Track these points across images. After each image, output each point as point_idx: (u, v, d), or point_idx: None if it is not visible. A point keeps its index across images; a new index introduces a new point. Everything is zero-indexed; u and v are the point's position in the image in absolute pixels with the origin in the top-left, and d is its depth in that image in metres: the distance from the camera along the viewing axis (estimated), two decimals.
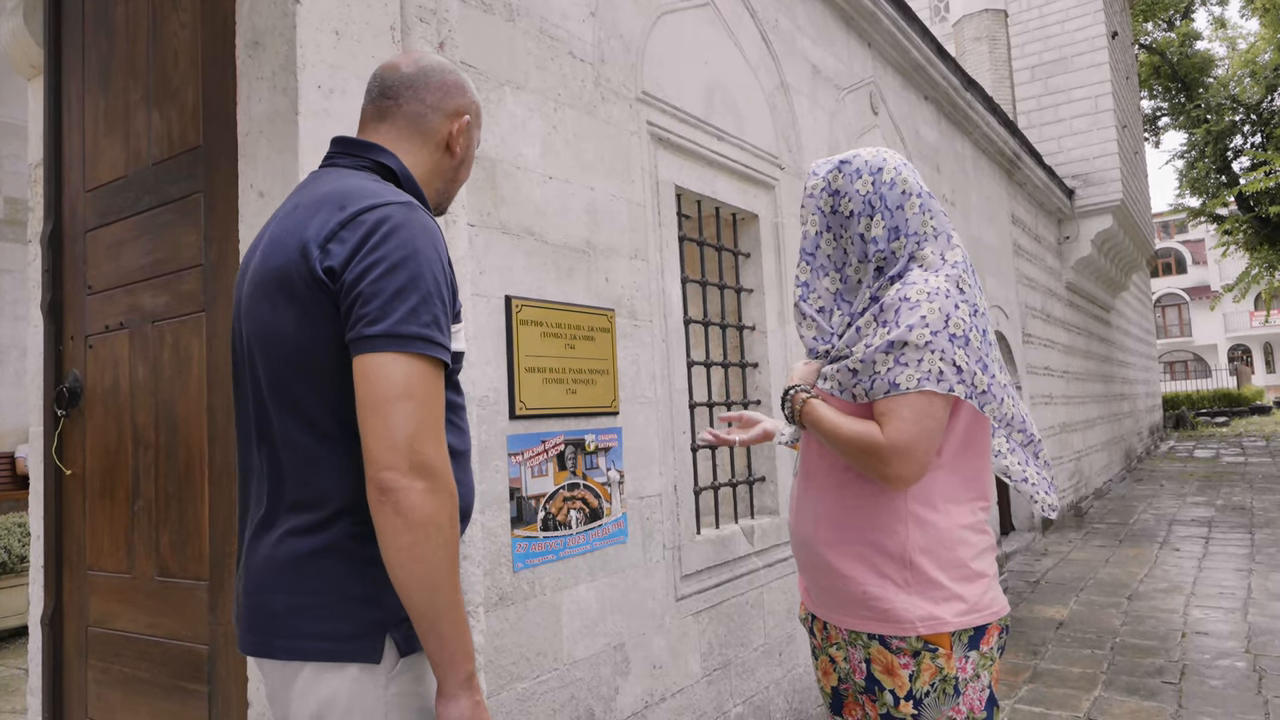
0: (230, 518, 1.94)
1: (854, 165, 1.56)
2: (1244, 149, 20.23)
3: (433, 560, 1.03)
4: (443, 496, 1.04)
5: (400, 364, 1.05)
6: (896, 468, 1.39)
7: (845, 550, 1.49)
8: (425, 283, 1.08)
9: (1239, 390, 27.46)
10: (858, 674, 1.50)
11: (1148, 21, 20.79)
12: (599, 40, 2.85)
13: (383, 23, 2.02)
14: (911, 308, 1.42)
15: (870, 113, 5.08)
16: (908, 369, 1.40)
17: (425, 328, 1.07)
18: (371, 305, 1.06)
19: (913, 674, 1.42)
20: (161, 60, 2.19)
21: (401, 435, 1.03)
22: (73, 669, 2.39)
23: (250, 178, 1.91)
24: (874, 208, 1.52)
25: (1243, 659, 4.10)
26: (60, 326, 2.48)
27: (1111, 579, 6.00)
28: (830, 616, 1.55)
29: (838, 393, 1.50)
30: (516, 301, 2.40)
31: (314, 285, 1.09)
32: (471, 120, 1.35)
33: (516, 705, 2.25)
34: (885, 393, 1.41)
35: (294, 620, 1.10)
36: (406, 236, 1.09)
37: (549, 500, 2.45)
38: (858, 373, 1.46)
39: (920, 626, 1.42)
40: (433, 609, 1.04)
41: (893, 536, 1.45)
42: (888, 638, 1.44)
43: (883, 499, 1.46)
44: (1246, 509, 8.80)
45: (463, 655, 1.06)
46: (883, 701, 1.46)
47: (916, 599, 1.43)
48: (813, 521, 1.56)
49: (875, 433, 1.40)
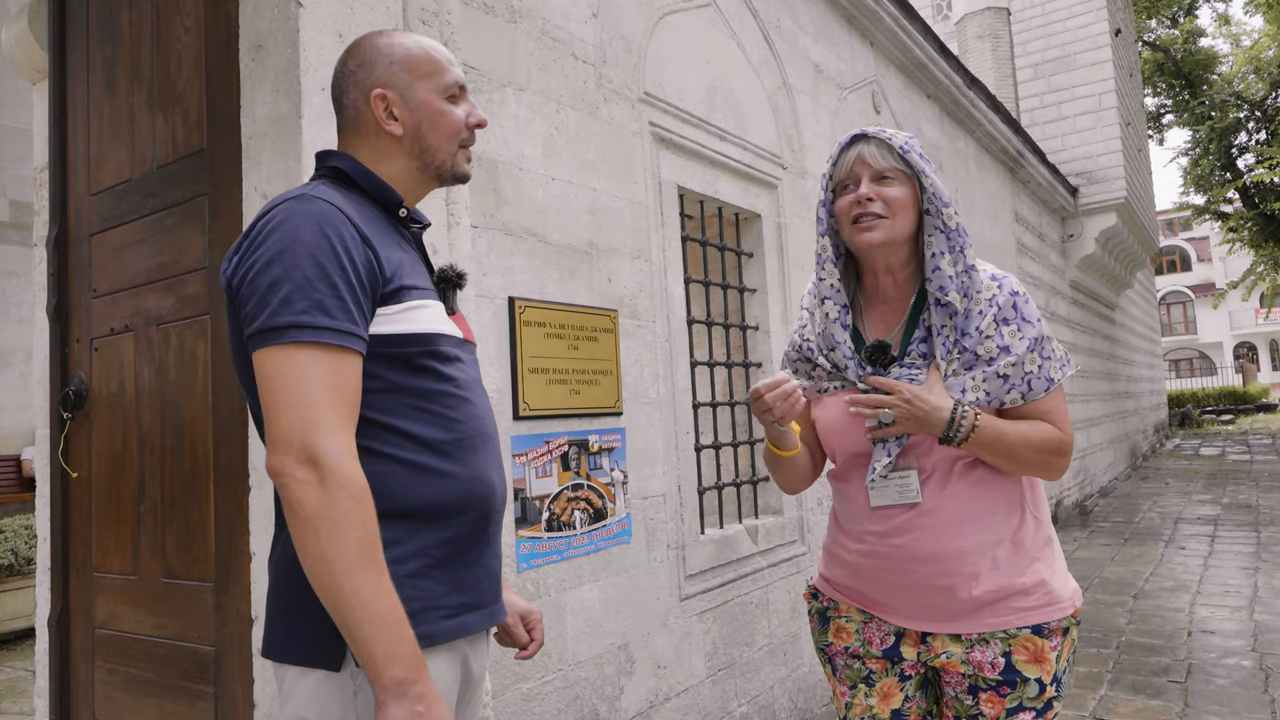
0: (235, 519, 1.95)
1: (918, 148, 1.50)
2: (1248, 146, 20.17)
3: (327, 555, 0.98)
4: (332, 488, 0.99)
5: (279, 356, 1.03)
6: (1068, 460, 1.43)
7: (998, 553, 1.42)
8: (300, 270, 1.04)
9: (1244, 388, 27.37)
10: (990, 670, 1.41)
11: (1151, 18, 20.73)
12: (601, 41, 2.85)
13: (385, 25, 2.02)
14: (1026, 301, 1.43)
15: (873, 112, 5.07)
16: (1052, 361, 1.41)
17: (300, 314, 1.03)
18: (250, 305, 1.06)
19: (1058, 654, 1.41)
20: (165, 64, 2.20)
21: (285, 428, 1.01)
22: (79, 670, 2.40)
23: (254, 181, 1.92)
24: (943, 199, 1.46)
25: (1249, 658, 4.09)
26: (65, 329, 2.49)
27: (1117, 577, 5.98)
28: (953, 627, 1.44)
29: (985, 402, 1.42)
30: (520, 302, 2.41)
31: (226, 298, 1.13)
32: (398, 84, 1.23)
33: (521, 705, 2.26)
34: (1045, 390, 1.41)
35: (278, 624, 1.12)
36: (285, 230, 1.07)
37: (553, 501, 2.45)
38: (1008, 377, 1.40)
39: (1076, 600, 1.45)
40: (337, 606, 0.98)
41: (1027, 522, 1.46)
42: (1043, 624, 1.40)
43: (1008, 493, 1.45)
44: (1252, 507, 8.77)
45: (384, 658, 0.97)
46: (1018, 695, 1.40)
47: (1062, 575, 1.45)
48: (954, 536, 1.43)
49: (1056, 431, 1.41)
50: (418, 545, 1.11)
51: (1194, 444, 16.70)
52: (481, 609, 1.20)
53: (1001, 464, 1.42)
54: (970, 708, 1.44)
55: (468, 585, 1.17)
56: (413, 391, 1.14)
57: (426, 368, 1.16)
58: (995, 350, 1.40)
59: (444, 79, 1.26)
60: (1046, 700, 1.40)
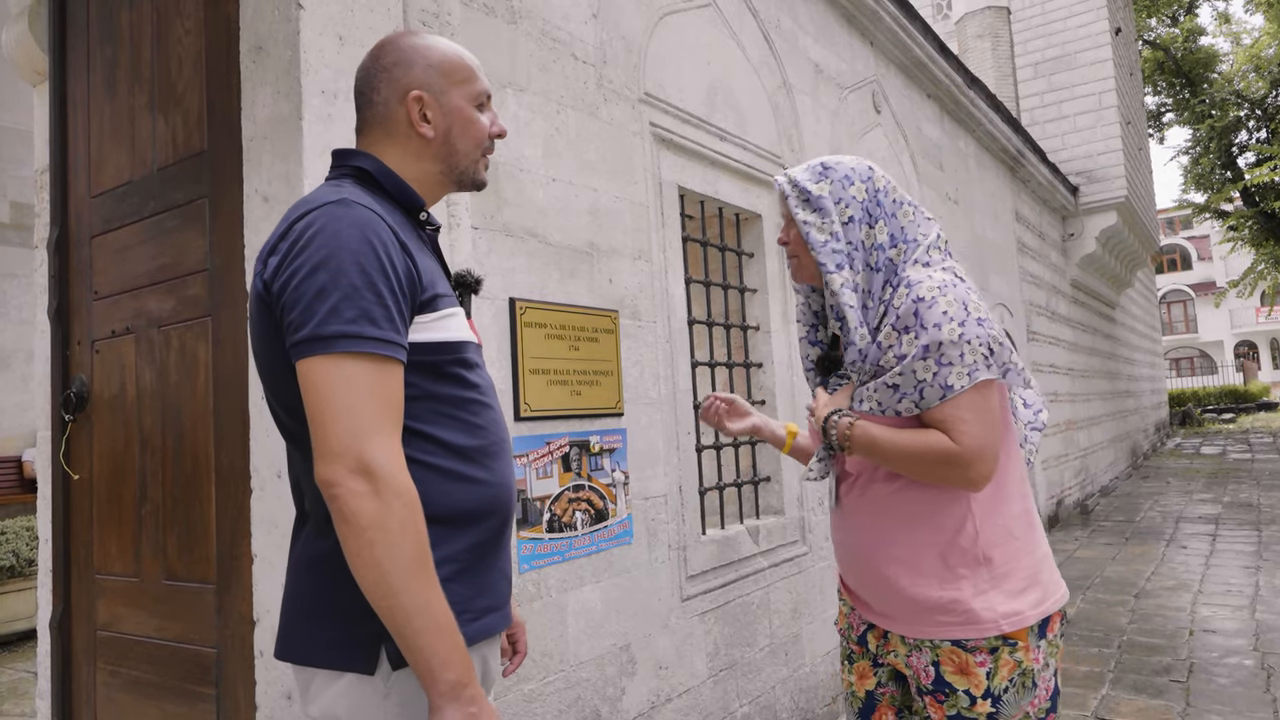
0: (237, 521, 1.95)
1: (840, 171, 1.52)
2: (1249, 144, 20.17)
3: (383, 565, 0.98)
4: (387, 497, 0.99)
5: (328, 365, 1.02)
6: (978, 469, 1.36)
7: (913, 562, 1.44)
8: (347, 278, 1.03)
9: (1245, 386, 27.35)
10: (924, 678, 1.45)
11: (1151, 17, 20.72)
12: (601, 42, 2.85)
13: (386, 27, 2.02)
14: (929, 306, 1.38)
15: (873, 111, 5.07)
16: (954, 368, 1.36)
17: (349, 324, 1.02)
18: (295, 312, 1.04)
19: (989, 671, 1.39)
20: (165, 66, 2.20)
21: (337, 439, 1.00)
22: (81, 672, 2.40)
23: (255, 183, 1.92)
24: (872, 214, 1.49)
25: (1250, 657, 4.09)
26: (67, 331, 2.50)
27: (1118, 577, 5.98)
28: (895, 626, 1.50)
29: (880, 412, 1.44)
30: (520, 303, 2.41)
31: (259, 301, 1.10)
32: (435, 87, 1.23)
33: (523, 706, 2.26)
34: (940, 398, 1.37)
35: (304, 626, 1.11)
36: (329, 236, 1.05)
37: (554, 502, 2.45)
38: (899, 387, 1.40)
39: (1004, 624, 1.39)
40: (392, 615, 0.99)
41: (962, 536, 1.42)
42: (962, 640, 1.40)
43: (943, 502, 1.43)
44: (1254, 506, 8.76)
45: (441, 664, 0.99)
46: (954, 703, 1.41)
47: (993, 596, 1.40)
48: (872, 540, 1.50)
49: (946, 441, 1.36)
50: (449, 550, 1.12)
51: (1195, 443, 16.69)
52: (500, 610, 1.22)
53: (896, 470, 1.44)
54: (922, 710, 1.51)
55: (490, 588, 1.19)
56: (443, 399, 1.15)
57: (455, 375, 1.17)
58: (893, 359, 1.41)
59: (475, 86, 1.28)
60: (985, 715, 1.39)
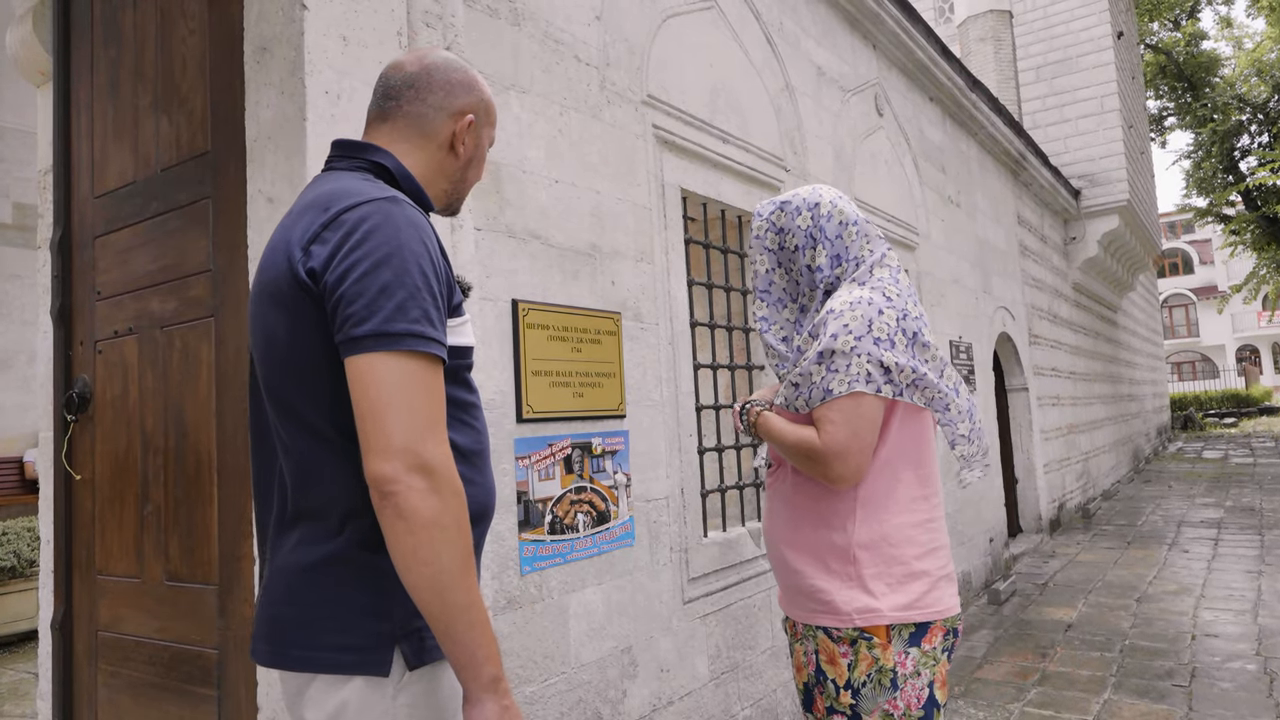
0: (239, 522, 1.95)
1: (794, 204, 1.70)
2: (1251, 149, 20.16)
3: (440, 562, 1.00)
4: (446, 495, 1.01)
5: (391, 363, 1.02)
6: (836, 468, 1.52)
7: (800, 548, 1.61)
8: (411, 278, 1.05)
9: (1247, 391, 27.33)
10: (810, 666, 1.61)
11: (1153, 21, 20.72)
12: (604, 44, 2.85)
13: (389, 28, 2.02)
14: (836, 318, 1.55)
15: (875, 114, 5.07)
16: (838, 374, 1.53)
17: (414, 323, 1.04)
18: (356, 305, 1.03)
19: (850, 663, 1.52)
20: (169, 67, 2.21)
21: (398, 436, 1.01)
22: (82, 673, 2.40)
23: (259, 183, 1.92)
24: (815, 239, 1.66)
25: (1253, 661, 4.08)
26: (69, 332, 2.50)
27: (1120, 581, 5.97)
28: (792, 613, 1.66)
29: (786, 407, 1.63)
30: (523, 305, 2.40)
31: (299, 289, 1.07)
32: (480, 119, 1.31)
33: (524, 708, 2.25)
34: (821, 399, 1.54)
35: (304, 631, 1.10)
36: (389, 233, 1.06)
37: (556, 503, 2.45)
38: (799, 385, 1.59)
39: (857, 618, 1.52)
40: (445, 612, 1.01)
41: (840, 533, 1.57)
42: (829, 628, 1.55)
43: (833, 499, 1.58)
44: (1256, 510, 8.75)
45: (483, 658, 1.03)
46: (827, 692, 1.55)
47: (856, 592, 1.53)
48: (777, 524, 1.69)
49: (813, 437, 1.54)
50: None
51: (1196, 447, 16.67)
52: None
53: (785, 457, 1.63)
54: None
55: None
56: (455, 403, 1.17)
57: (465, 379, 1.20)
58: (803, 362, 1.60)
59: (493, 132, 1.37)
60: (848, 706, 1.51)
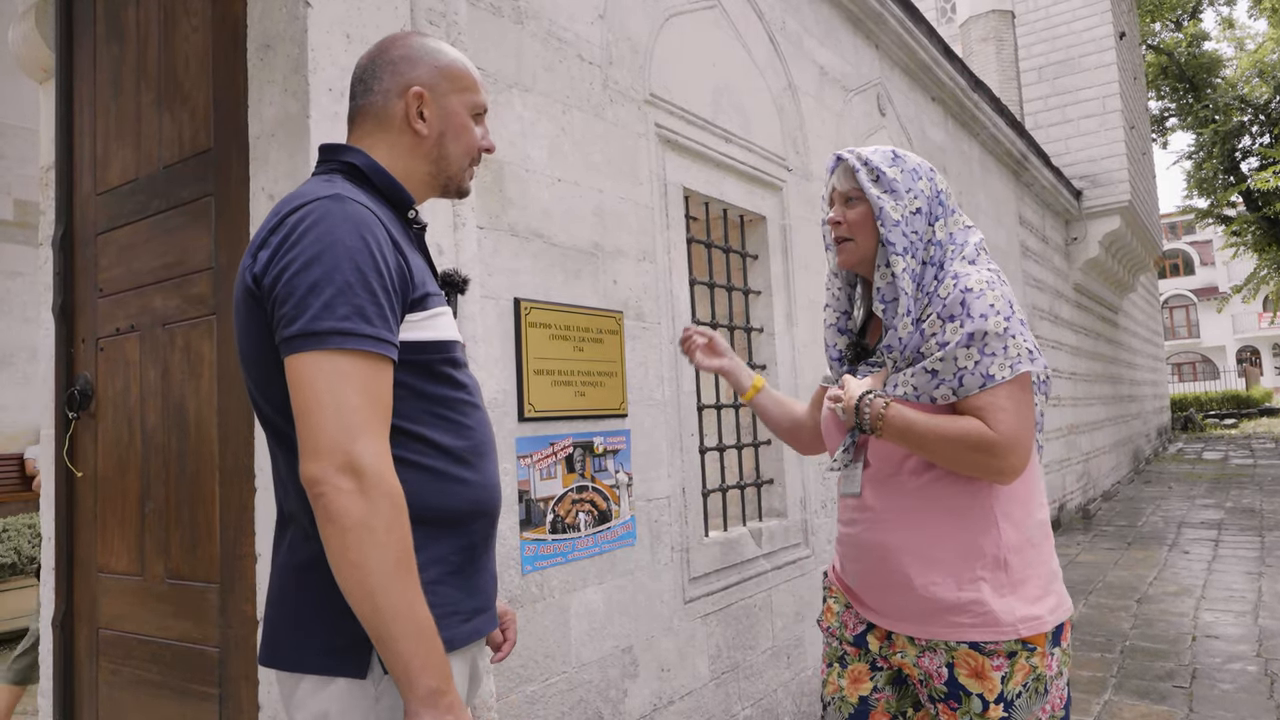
0: (240, 520, 1.95)
1: (911, 163, 1.53)
2: (1252, 150, 20.15)
3: (368, 565, 0.97)
4: (374, 497, 0.98)
5: (321, 362, 1.00)
6: (1010, 460, 1.36)
7: (933, 557, 1.43)
8: (341, 274, 1.02)
9: (1247, 392, 27.32)
10: (937, 680, 1.43)
11: (1155, 22, 20.71)
12: (607, 43, 2.85)
13: (393, 25, 2.02)
14: (978, 297, 1.39)
15: (877, 114, 5.07)
16: (996, 358, 1.37)
17: (343, 320, 1.01)
18: (287, 306, 1.02)
19: (1005, 676, 1.39)
20: (172, 64, 2.20)
21: (325, 436, 0.99)
22: (83, 671, 2.39)
23: (261, 181, 1.92)
24: (935, 213, 1.51)
25: (1254, 662, 4.08)
26: (71, 329, 2.49)
27: (1120, 581, 5.97)
28: (903, 627, 1.48)
29: (914, 397, 1.43)
30: (525, 304, 2.40)
31: (248, 294, 1.07)
32: (438, 88, 1.24)
33: (525, 708, 2.25)
34: (980, 386, 1.37)
35: (291, 632, 1.10)
36: (324, 230, 1.04)
37: (557, 503, 2.45)
38: (938, 373, 1.40)
39: (1022, 629, 1.39)
40: (375, 617, 0.97)
41: (985, 537, 1.42)
42: (982, 642, 1.39)
43: (971, 501, 1.43)
44: (1256, 511, 8.75)
45: (419, 668, 0.97)
46: (967, 708, 1.40)
47: (1012, 600, 1.40)
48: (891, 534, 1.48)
49: (982, 428, 1.36)
50: (438, 552, 1.10)
51: (1197, 448, 16.67)
52: (489, 612, 1.21)
53: (928, 457, 1.42)
54: (934, 717, 1.47)
55: (478, 589, 1.18)
56: (433, 399, 1.14)
57: (444, 375, 1.16)
58: (935, 346, 1.42)
59: (475, 97, 1.29)
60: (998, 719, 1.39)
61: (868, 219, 1.52)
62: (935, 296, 1.45)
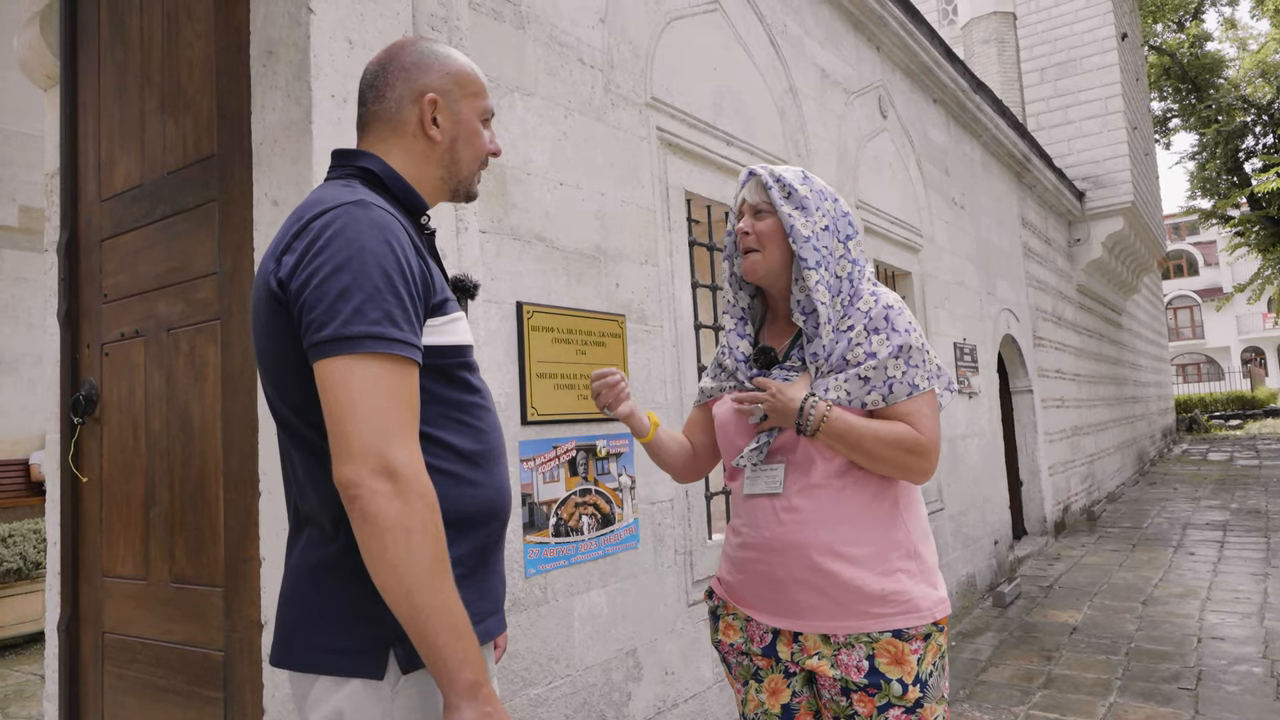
0: (245, 524, 1.95)
1: (818, 185, 1.63)
2: (1255, 150, 20.13)
3: (406, 565, 0.99)
4: (410, 498, 1.00)
5: (353, 366, 1.01)
6: (933, 461, 1.50)
7: (855, 553, 1.50)
8: (371, 279, 1.03)
9: (1252, 393, 27.24)
10: (856, 674, 1.48)
11: (1157, 22, 20.71)
12: (608, 46, 2.86)
13: (395, 31, 2.03)
14: (899, 314, 1.54)
15: (879, 116, 5.07)
16: (919, 369, 1.51)
17: (374, 325, 1.02)
18: (317, 311, 1.03)
19: (920, 658, 1.48)
20: (176, 70, 2.21)
21: (360, 439, 1.00)
22: (89, 675, 2.40)
23: (265, 186, 1.93)
24: (845, 232, 1.61)
25: (1260, 664, 4.06)
26: (76, 334, 2.50)
27: (1125, 583, 5.95)
28: (820, 627, 1.51)
29: (847, 401, 1.52)
30: (528, 307, 2.41)
31: (272, 299, 1.08)
32: (451, 94, 1.25)
33: (529, 711, 2.25)
34: (908, 394, 1.50)
35: (305, 633, 1.11)
36: (350, 236, 1.05)
37: (560, 506, 2.45)
38: (869, 380, 1.51)
39: (936, 611, 1.50)
40: (415, 616, 0.99)
41: (898, 531, 1.53)
42: (903, 629, 1.48)
43: (881, 500, 1.53)
44: (1261, 512, 8.72)
45: (459, 663, 1.00)
46: (886, 694, 1.47)
47: (924, 586, 1.51)
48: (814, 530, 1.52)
49: (914, 432, 1.48)
50: (454, 554, 1.11)
51: (1202, 449, 16.62)
52: (498, 614, 1.22)
53: (858, 459, 1.50)
54: (846, 708, 1.51)
55: (489, 591, 1.19)
56: (449, 403, 1.15)
57: (461, 379, 1.18)
58: (862, 356, 1.53)
59: (484, 102, 1.31)
60: (914, 700, 1.47)
61: (776, 232, 1.60)
62: (855, 310, 1.56)
